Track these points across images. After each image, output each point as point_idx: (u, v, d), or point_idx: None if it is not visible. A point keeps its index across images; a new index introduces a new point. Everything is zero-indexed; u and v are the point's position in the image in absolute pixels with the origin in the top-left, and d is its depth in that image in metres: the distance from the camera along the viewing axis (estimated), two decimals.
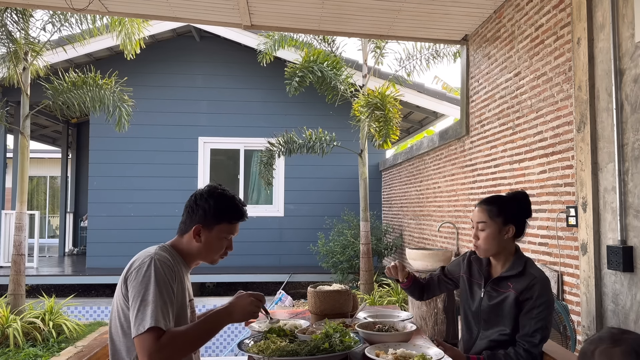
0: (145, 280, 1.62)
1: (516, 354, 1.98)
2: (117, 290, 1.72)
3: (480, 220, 2.13)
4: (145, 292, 1.60)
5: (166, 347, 1.54)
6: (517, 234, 2.15)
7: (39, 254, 9.64)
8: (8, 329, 5.41)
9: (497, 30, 4.37)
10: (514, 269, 2.11)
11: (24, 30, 6.18)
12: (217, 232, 1.83)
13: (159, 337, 1.54)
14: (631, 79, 2.63)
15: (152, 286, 1.61)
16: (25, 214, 6.26)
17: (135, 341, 1.56)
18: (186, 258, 1.85)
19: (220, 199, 1.84)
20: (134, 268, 1.67)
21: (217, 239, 1.83)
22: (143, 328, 1.54)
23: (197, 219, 1.82)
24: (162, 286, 1.63)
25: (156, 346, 1.53)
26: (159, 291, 1.61)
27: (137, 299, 1.60)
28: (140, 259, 1.70)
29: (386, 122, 6.31)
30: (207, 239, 1.82)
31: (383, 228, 8.51)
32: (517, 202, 2.17)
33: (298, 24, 4.95)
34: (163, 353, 1.53)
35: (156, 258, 1.68)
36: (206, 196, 1.84)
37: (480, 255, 2.19)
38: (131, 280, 1.65)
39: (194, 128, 9.21)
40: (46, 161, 16.14)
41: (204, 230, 1.82)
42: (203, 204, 1.83)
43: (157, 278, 1.63)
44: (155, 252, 1.72)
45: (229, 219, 1.84)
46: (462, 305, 2.30)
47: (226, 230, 1.84)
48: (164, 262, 1.69)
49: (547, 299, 2.03)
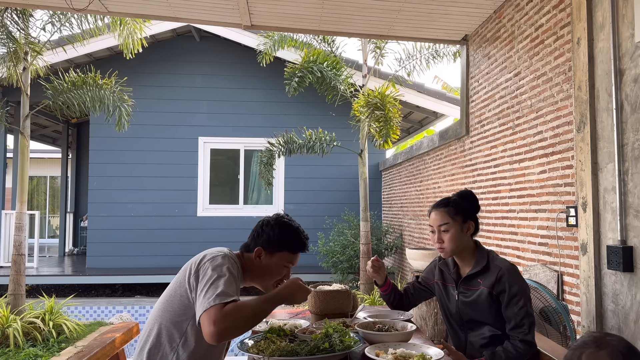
0: (218, 269, 1.72)
1: (514, 347, 2.02)
2: (181, 279, 1.80)
3: (443, 222, 2.21)
4: (218, 277, 1.69)
5: (230, 315, 1.59)
6: (475, 229, 2.27)
7: (39, 254, 9.64)
8: (8, 329, 5.41)
9: (497, 30, 4.37)
10: (478, 264, 2.19)
11: (24, 30, 6.18)
12: (278, 259, 1.93)
13: (223, 307, 1.60)
14: (631, 79, 2.63)
15: (224, 273, 1.71)
16: (25, 214, 6.26)
17: (202, 318, 1.61)
18: (245, 273, 1.93)
19: (285, 228, 1.95)
20: (207, 259, 1.77)
21: (277, 265, 1.93)
22: (210, 304, 1.61)
23: (261, 242, 1.92)
24: (232, 276, 1.72)
25: (221, 314, 1.59)
26: (228, 279, 1.70)
27: (208, 282, 1.68)
28: (213, 253, 1.81)
29: (386, 122, 6.31)
30: (267, 262, 1.92)
31: (383, 228, 8.51)
32: (467, 199, 2.28)
33: (298, 24, 4.95)
34: (227, 322, 1.58)
35: (229, 255, 1.82)
36: (273, 223, 1.95)
37: (446, 256, 2.27)
38: (203, 269, 1.74)
39: (194, 128, 9.21)
40: (46, 161, 16.14)
41: (266, 254, 1.92)
42: (269, 230, 1.93)
43: (229, 269, 1.74)
44: (228, 251, 1.85)
45: (290, 248, 1.94)
46: (443, 311, 2.37)
47: (287, 258, 1.94)
48: (234, 262, 1.81)
49: (520, 286, 2.11)
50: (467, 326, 2.24)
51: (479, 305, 2.16)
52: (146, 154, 9.07)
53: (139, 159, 9.06)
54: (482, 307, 2.15)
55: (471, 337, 2.23)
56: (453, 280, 2.29)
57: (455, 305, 2.26)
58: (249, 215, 9.19)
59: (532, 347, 2.05)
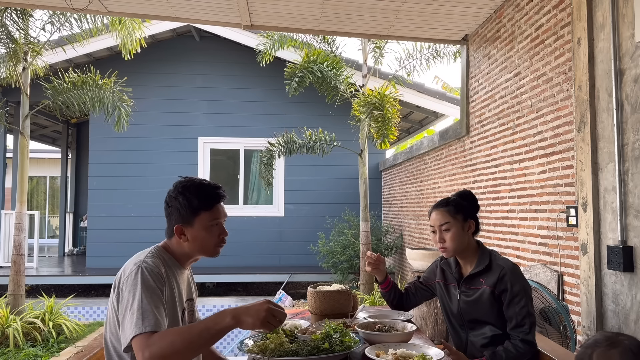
0: (133, 289, 1.58)
1: (515, 346, 2.03)
2: (110, 297, 1.69)
3: (444, 222, 2.21)
4: (133, 300, 1.56)
5: (156, 343, 1.47)
6: (476, 229, 2.27)
7: (39, 254, 9.63)
8: (8, 329, 5.40)
9: (497, 30, 4.36)
10: (481, 264, 2.19)
11: (23, 30, 6.18)
12: (200, 224, 1.76)
13: (149, 337, 1.49)
14: (631, 79, 2.62)
15: (139, 294, 1.57)
16: (25, 214, 6.26)
17: (132, 344, 1.52)
18: (180, 259, 1.81)
19: (187, 191, 1.76)
20: (123, 279, 1.64)
21: (203, 231, 1.76)
22: (131, 335, 1.51)
23: (175, 220, 1.77)
24: (151, 292, 1.59)
25: (147, 343, 1.47)
26: (146, 298, 1.56)
27: (126, 308, 1.56)
28: (129, 268, 1.66)
29: (384, 122, 6.31)
30: (193, 234, 1.76)
31: (383, 228, 8.51)
32: (467, 199, 2.29)
33: (298, 24, 4.95)
34: (153, 349, 1.45)
35: (144, 266, 1.64)
36: (174, 195, 1.77)
37: (448, 256, 2.27)
38: (121, 290, 1.63)
39: (194, 128, 9.20)
40: (46, 161, 16.13)
41: (186, 228, 1.76)
42: (175, 203, 1.77)
43: (145, 285, 1.59)
44: (144, 259, 1.68)
45: (203, 206, 1.76)
46: (444, 310, 2.37)
47: (208, 218, 1.77)
48: (152, 270, 1.64)
49: (522, 286, 2.11)
50: (469, 326, 2.24)
51: (481, 305, 2.16)
52: (146, 154, 9.06)
53: (138, 159, 9.05)
54: (484, 306, 2.15)
55: (472, 336, 2.23)
56: (455, 280, 2.29)
57: (456, 304, 2.26)
58: (249, 215, 9.19)
59: (532, 347, 2.05)
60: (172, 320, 1.69)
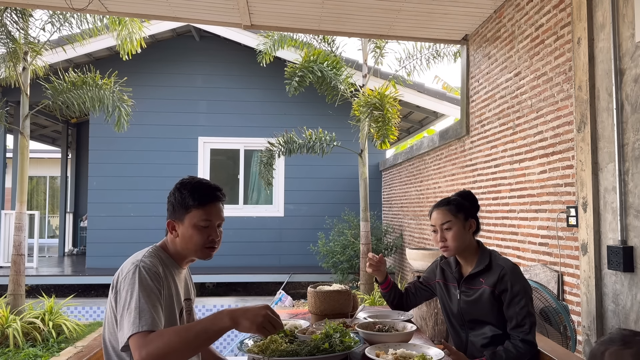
0: (131, 289, 1.59)
1: (515, 347, 2.03)
2: (108, 297, 1.70)
3: (446, 221, 2.21)
4: (131, 300, 1.57)
5: (153, 342, 1.47)
6: (476, 229, 2.28)
7: (39, 254, 9.64)
8: (8, 329, 5.40)
9: (497, 30, 4.36)
10: (481, 263, 2.19)
11: (23, 30, 6.18)
12: (190, 221, 1.74)
13: (146, 336, 1.50)
14: (631, 78, 2.62)
15: (136, 293, 1.57)
16: (25, 214, 6.26)
17: (130, 343, 1.52)
18: (176, 258, 1.81)
19: (183, 187, 1.78)
20: (121, 278, 1.65)
21: (192, 229, 1.74)
22: (128, 334, 1.51)
23: (169, 215, 1.80)
24: (148, 291, 1.59)
25: (144, 342, 1.48)
26: (144, 297, 1.57)
27: (124, 308, 1.57)
28: (127, 267, 1.67)
29: (384, 122, 6.31)
30: (183, 231, 1.76)
31: (383, 228, 8.51)
32: (467, 199, 2.30)
33: (298, 24, 4.95)
34: (150, 347, 1.46)
35: (141, 266, 1.64)
36: (172, 191, 1.80)
37: (450, 255, 2.27)
38: (120, 289, 1.63)
39: (194, 128, 9.20)
40: (46, 161, 16.13)
41: (178, 224, 1.76)
42: (171, 199, 1.80)
43: (143, 285, 1.60)
44: (141, 259, 1.68)
45: (196, 203, 1.75)
46: (444, 310, 2.37)
47: (198, 216, 1.74)
48: (150, 269, 1.65)
49: (522, 285, 2.11)
50: (469, 326, 2.24)
51: (481, 305, 2.16)
52: (146, 154, 9.06)
53: (138, 159, 9.05)
54: (484, 306, 2.15)
55: (472, 336, 2.23)
56: (455, 280, 2.28)
57: (457, 304, 2.26)
58: (249, 215, 9.19)
59: (532, 347, 2.05)
60: (170, 320, 1.69)
